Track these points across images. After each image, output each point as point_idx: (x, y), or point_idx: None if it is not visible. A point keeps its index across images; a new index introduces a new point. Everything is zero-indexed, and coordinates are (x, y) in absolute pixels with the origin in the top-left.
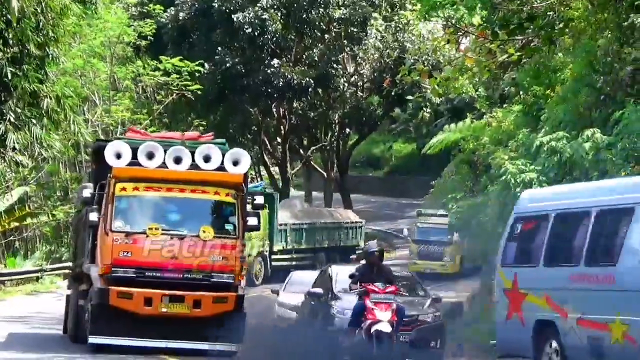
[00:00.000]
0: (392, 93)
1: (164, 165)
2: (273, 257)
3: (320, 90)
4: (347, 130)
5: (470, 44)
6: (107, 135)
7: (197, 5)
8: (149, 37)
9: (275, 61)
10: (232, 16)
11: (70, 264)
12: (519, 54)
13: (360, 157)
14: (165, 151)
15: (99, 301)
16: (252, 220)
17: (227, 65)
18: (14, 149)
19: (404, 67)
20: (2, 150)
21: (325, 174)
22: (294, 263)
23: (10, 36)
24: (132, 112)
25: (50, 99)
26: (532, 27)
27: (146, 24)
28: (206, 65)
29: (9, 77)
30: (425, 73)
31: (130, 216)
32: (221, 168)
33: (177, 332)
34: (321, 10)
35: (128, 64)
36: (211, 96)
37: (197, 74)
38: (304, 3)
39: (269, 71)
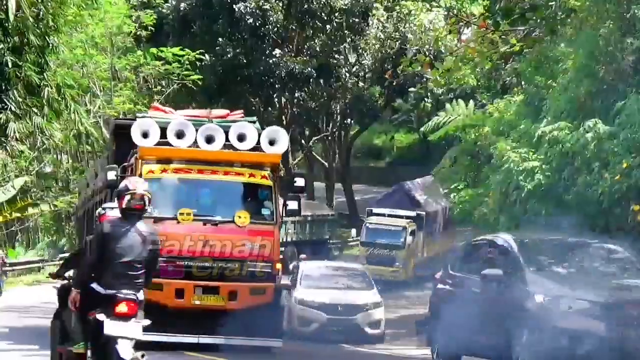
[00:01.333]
0: (394, 83)
1: (195, 144)
2: None
3: (321, 81)
4: (349, 120)
5: (471, 34)
6: (109, 127)
7: None
8: (149, 27)
9: (277, 51)
10: (234, 6)
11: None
12: (520, 44)
13: (361, 148)
14: (196, 130)
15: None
16: (292, 204)
17: (229, 55)
18: (15, 138)
19: (405, 58)
20: (4, 139)
21: (326, 164)
22: None
23: (11, 26)
24: (134, 103)
25: (51, 88)
26: (534, 17)
27: (147, 14)
28: (207, 55)
29: (10, 66)
30: (427, 63)
31: (158, 200)
32: (256, 148)
33: (210, 327)
34: (323, 0)
35: (129, 54)
36: (212, 86)
37: (198, 64)
38: None
39: (270, 61)
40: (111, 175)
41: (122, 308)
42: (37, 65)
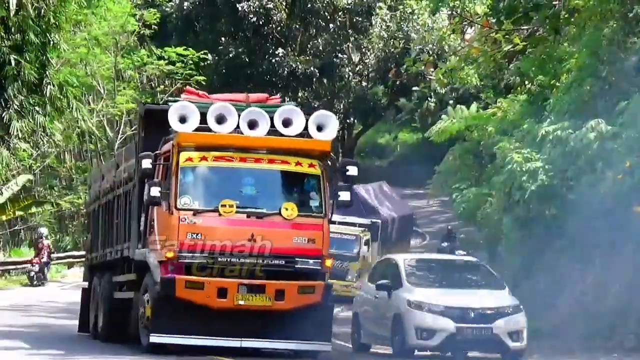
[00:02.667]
0: (397, 83)
1: (238, 130)
2: None
3: (325, 80)
4: (352, 119)
5: (475, 33)
6: (112, 126)
7: None
8: (153, 26)
9: (280, 50)
10: (237, 5)
11: (73, 252)
12: (524, 43)
13: (365, 147)
14: (238, 114)
15: (162, 293)
16: (344, 195)
17: (232, 54)
18: (17, 136)
19: (409, 58)
20: (6, 137)
21: (330, 163)
22: None
23: (12, 23)
24: (137, 103)
25: (53, 86)
26: (537, 16)
27: (150, 12)
28: (210, 54)
29: (13, 64)
30: (430, 63)
31: (198, 191)
32: (303, 134)
33: (254, 329)
34: (325, 0)
35: (132, 53)
36: (216, 86)
37: (201, 64)
38: None
39: (273, 60)
40: (146, 163)
41: None
42: (38, 63)
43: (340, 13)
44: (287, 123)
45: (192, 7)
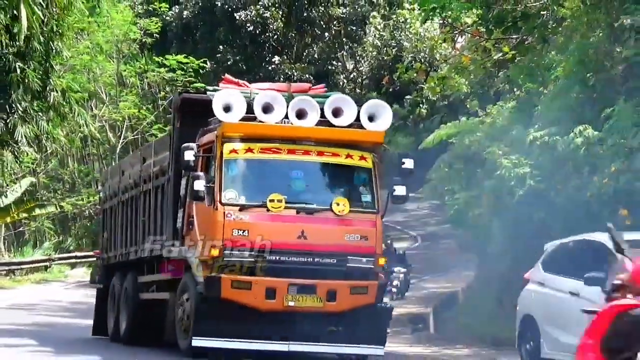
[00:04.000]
0: (390, 90)
1: (286, 120)
2: None
3: None
4: None
5: (465, 42)
6: (114, 130)
7: (200, 4)
8: (154, 34)
9: (276, 58)
10: (235, 14)
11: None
12: (513, 52)
13: None
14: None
15: (206, 293)
16: (399, 190)
17: (230, 62)
18: (22, 141)
19: (401, 65)
20: (11, 142)
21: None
22: None
23: (16, 31)
24: (138, 108)
25: (57, 92)
26: (526, 25)
27: (152, 21)
28: (209, 61)
29: (17, 71)
30: (422, 71)
31: (243, 185)
32: (355, 125)
33: (303, 332)
34: (321, 8)
35: (134, 60)
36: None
37: (201, 71)
38: (305, 2)
39: (270, 68)
40: (189, 155)
41: None
42: (42, 70)
43: (335, 22)
44: (337, 113)
45: (191, 16)
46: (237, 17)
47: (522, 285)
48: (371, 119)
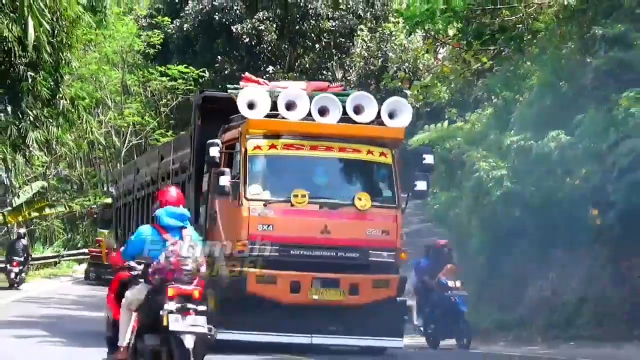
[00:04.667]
0: (377, 97)
1: (309, 117)
2: None
3: None
4: None
5: (447, 53)
6: (119, 136)
7: (200, 18)
8: (157, 45)
9: (271, 68)
10: (232, 27)
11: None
12: (491, 62)
13: None
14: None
15: (231, 288)
16: (420, 185)
17: (227, 71)
18: (33, 146)
19: (387, 75)
20: (23, 147)
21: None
22: None
23: (29, 42)
24: (142, 115)
25: (66, 100)
26: (502, 38)
27: (154, 34)
28: (208, 71)
29: (29, 80)
30: (406, 80)
31: (267, 181)
32: (375, 122)
33: (325, 325)
34: (312, 22)
35: (138, 70)
36: None
37: (200, 80)
38: (297, 16)
39: (264, 77)
40: (214, 151)
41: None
42: (52, 80)
43: (325, 35)
44: (358, 110)
45: (191, 29)
46: (234, 30)
47: None
48: (391, 115)
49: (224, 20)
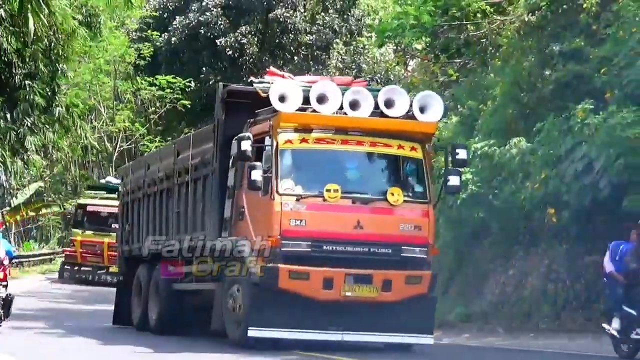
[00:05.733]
0: None
1: (341, 111)
2: None
3: None
4: None
5: (416, 65)
6: (110, 141)
7: (187, 32)
8: (146, 57)
9: (252, 79)
10: (216, 41)
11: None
12: (457, 74)
13: None
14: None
15: (263, 283)
16: (453, 180)
17: (211, 82)
18: (31, 150)
19: None
20: (21, 150)
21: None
22: None
23: (27, 54)
24: (132, 122)
25: (61, 108)
26: (468, 51)
27: (144, 46)
28: (193, 82)
29: (27, 89)
30: None
31: (299, 175)
32: (407, 116)
33: (356, 322)
34: (291, 36)
35: (129, 80)
36: (198, 108)
37: (186, 89)
38: (277, 30)
39: None
40: (246, 145)
41: None
42: (49, 89)
43: (303, 48)
44: (389, 104)
45: (178, 42)
46: (218, 43)
47: None
48: (422, 110)
49: (208, 34)
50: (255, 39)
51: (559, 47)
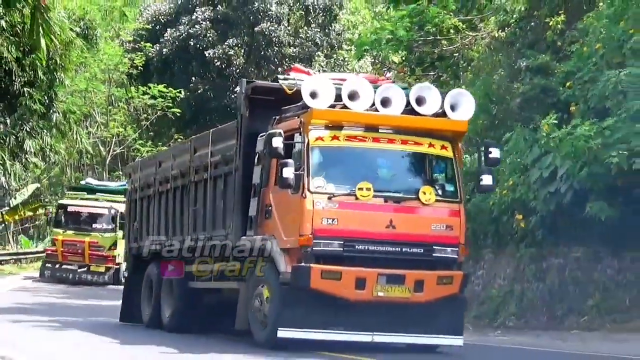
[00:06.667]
0: None
1: (371, 108)
2: None
3: None
4: None
5: (392, 78)
6: (105, 146)
7: (177, 43)
8: (139, 67)
9: (238, 89)
10: (205, 52)
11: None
12: None
13: None
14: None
15: (295, 283)
16: (486, 179)
17: (200, 91)
18: (29, 153)
19: None
20: (20, 154)
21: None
22: None
23: (27, 63)
24: (124, 127)
25: (58, 114)
26: (441, 65)
27: (137, 56)
28: (183, 90)
29: (26, 96)
30: None
31: (331, 173)
32: (438, 114)
33: (387, 322)
34: (276, 49)
35: (123, 87)
36: (187, 115)
37: (177, 98)
38: (262, 43)
39: (233, 96)
40: (277, 142)
41: None
42: (47, 96)
43: (286, 59)
44: (420, 101)
45: (169, 53)
46: (207, 55)
47: None
48: (453, 108)
49: (198, 46)
50: (242, 51)
51: (526, 62)
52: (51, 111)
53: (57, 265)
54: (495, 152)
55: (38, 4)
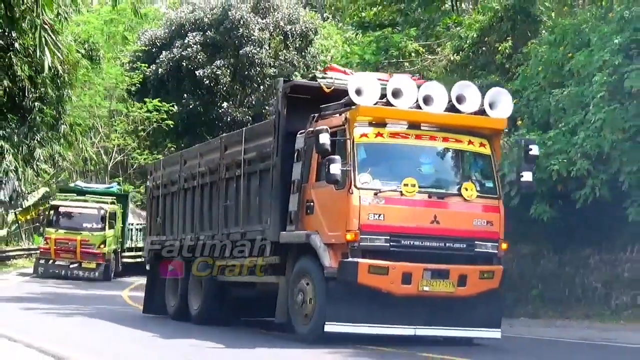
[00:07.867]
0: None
1: (416, 105)
2: (123, 254)
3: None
4: None
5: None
6: (107, 154)
7: (171, 64)
8: (137, 84)
9: (225, 104)
10: (196, 72)
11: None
12: None
13: None
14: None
15: (341, 278)
16: (527, 176)
17: (191, 106)
18: (40, 160)
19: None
20: (32, 161)
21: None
22: (138, 260)
23: (38, 81)
24: (125, 138)
25: (66, 126)
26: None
27: (136, 74)
28: (176, 106)
29: (37, 110)
30: None
31: (376, 170)
32: (478, 112)
33: (429, 316)
34: (258, 69)
35: (123, 102)
36: (180, 127)
37: (170, 112)
38: (246, 64)
39: (220, 111)
40: (324, 138)
41: None
42: (55, 110)
43: (267, 78)
44: (460, 99)
45: (164, 72)
46: (197, 74)
47: None
48: (492, 106)
49: (189, 66)
50: (228, 71)
51: (479, 82)
52: (59, 123)
53: (50, 262)
54: (534, 150)
55: (42, 23)
